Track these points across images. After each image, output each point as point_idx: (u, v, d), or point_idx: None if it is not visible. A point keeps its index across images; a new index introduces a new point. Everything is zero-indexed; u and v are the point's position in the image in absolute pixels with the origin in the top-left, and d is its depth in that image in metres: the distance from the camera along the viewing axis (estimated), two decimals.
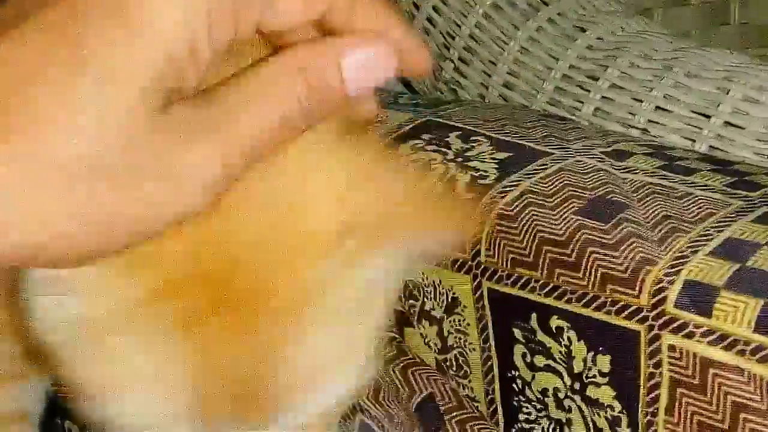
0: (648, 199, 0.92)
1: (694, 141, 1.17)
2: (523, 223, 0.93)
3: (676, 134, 1.18)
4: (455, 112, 1.11)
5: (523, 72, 1.32)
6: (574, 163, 0.98)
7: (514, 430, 0.95)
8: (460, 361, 0.99)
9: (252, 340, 0.53)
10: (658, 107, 1.19)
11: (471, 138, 1.04)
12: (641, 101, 1.20)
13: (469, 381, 0.98)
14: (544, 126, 1.08)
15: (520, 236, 0.92)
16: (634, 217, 0.89)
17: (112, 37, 0.44)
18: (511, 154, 1.01)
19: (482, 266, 0.95)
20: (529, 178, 0.97)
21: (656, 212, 0.90)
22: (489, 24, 1.36)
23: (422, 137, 1.06)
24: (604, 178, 0.95)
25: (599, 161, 0.98)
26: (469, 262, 0.96)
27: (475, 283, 0.95)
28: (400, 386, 1.00)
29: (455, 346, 0.99)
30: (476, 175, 0.99)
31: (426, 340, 1.01)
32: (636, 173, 0.96)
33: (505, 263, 0.93)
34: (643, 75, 1.22)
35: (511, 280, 0.93)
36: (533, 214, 0.93)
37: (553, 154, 1.00)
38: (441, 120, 1.09)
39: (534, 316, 0.91)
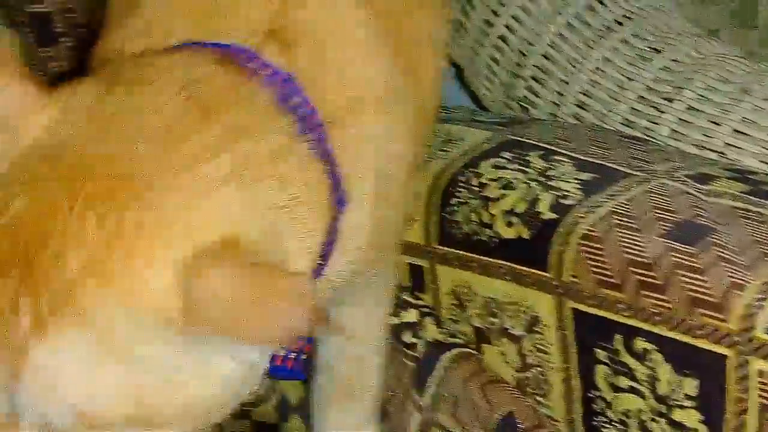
0: (735, 223, 0.92)
1: None
2: (608, 244, 0.93)
3: (754, 158, 1.17)
4: (535, 131, 1.12)
5: (596, 92, 1.32)
6: (659, 186, 0.98)
7: None
8: (540, 380, 0.99)
9: None
10: (735, 130, 1.19)
11: (552, 158, 1.05)
12: (718, 124, 1.20)
13: (549, 400, 0.99)
14: (625, 147, 1.08)
15: (606, 257, 0.93)
16: (722, 241, 0.89)
17: None
18: (594, 175, 1.01)
19: (566, 286, 0.95)
20: (613, 199, 0.97)
21: (744, 237, 0.90)
22: (563, 43, 1.37)
23: (503, 156, 1.07)
24: (690, 202, 0.95)
25: (683, 184, 0.98)
26: (553, 282, 0.96)
27: (558, 303, 0.96)
28: (479, 403, 1.01)
29: (535, 364, 0.99)
30: (559, 194, 1.00)
31: (505, 358, 1.02)
32: (721, 197, 0.96)
33: (589, 284, 0.94)
34: (721, 98, 1.22)
35: (596, 300, 0.93)
36: (619, 236, 0.93)
37: (636, 176, 1.01)
38: (521, 139, 1.10)
39: (618, 337, 0.92)
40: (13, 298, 0.62)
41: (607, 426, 0.94)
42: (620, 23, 1.35)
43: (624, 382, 0.92)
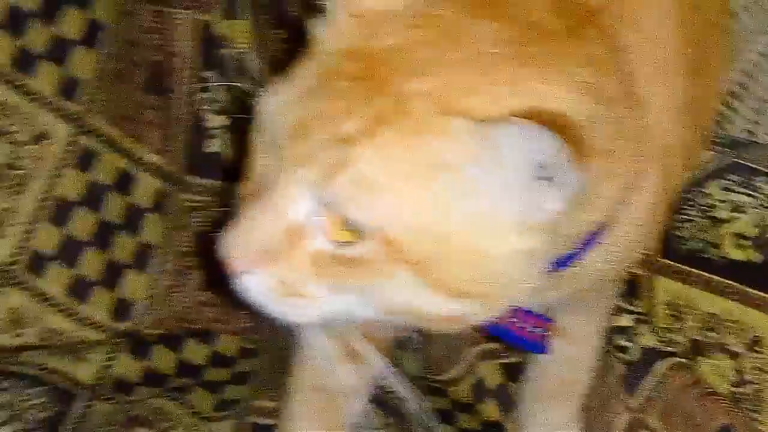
0: None
1: None
2: None
3: None
4: (758, 156, 1.16)
5: None
6: None
7: None
8: (756, 397, 1.05)
9: None
10: None
11: None
12: None
13: (763, 417, 1.04)
14: None
15: None
16: None
17: None
18: None
19: None
20: None
21: None
22: (766, 62, 1.39)
23: (730, 178, 1.12)
24: None
25: None
26: None
27: None
28: (694, 412, 1.07)
29: (753, 382, 1.05)
30: None
31: (720, 372, 1.08)
32: None
33: None
34: None
35: None
36: None
37: None
38: (747, 163, 1.14)
39: None
40: (352, 101, 0.68)
41: None
42: None
43: None
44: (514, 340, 0.92)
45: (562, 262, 0.77)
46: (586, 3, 0.76)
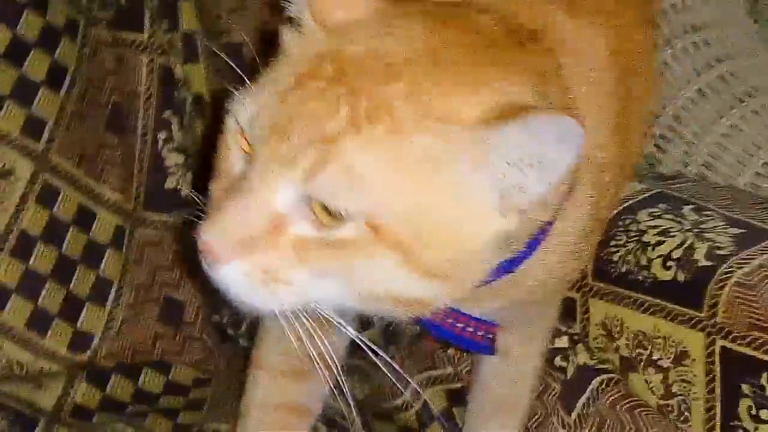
0: None
1: None
2: (761, 293, 1.06)
3: None
4: (685, 188, 1.25)
5: (723, 155, 1.44)
6: None
7: None
8: (682, 408, 1.11)
9: None
10: None
11: (704, 212, 1.18)
12: None
13: (689, 426, 1.11)
14: (765, 209, 1.21)
15: (758, 304, 1.05)
16: None
17: None
18: (743, 231, 1.14)
19: (718, 326, 1.08)
20: (763, 254, 1.10)
21: None
22: (694, 107, 1.49)
23: (658, 206, 1.20)
24: None
25: None
26: (704, 321, 1.09)
27: (709, 340, 1.08)
28: (626, 424, 1.13)
29: (679, 393, 1.11)
30: (713, 245, 1.12)
31: (649, 386, 1.14)
32: None
33: (741, 325, 1.06)
34: None
35: (747, 341, 1.05)
36: None
37: None
38: (673, 193, 1.22)
39: (765, 374, 1.04)
40: (336, 100, 0.73)
41: None
42: (751, 96, 1.47)
43: (766, 414, 1.04)
44: (463, 342, 0.97)
45: (506, 267, 0.82)
46: (526, 25, 0.84)
